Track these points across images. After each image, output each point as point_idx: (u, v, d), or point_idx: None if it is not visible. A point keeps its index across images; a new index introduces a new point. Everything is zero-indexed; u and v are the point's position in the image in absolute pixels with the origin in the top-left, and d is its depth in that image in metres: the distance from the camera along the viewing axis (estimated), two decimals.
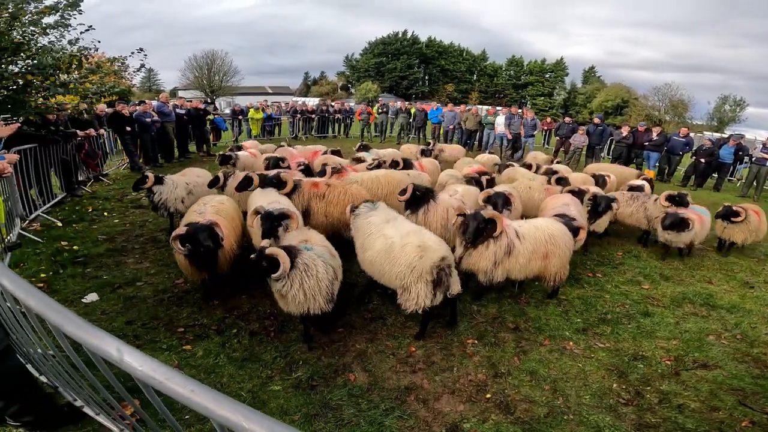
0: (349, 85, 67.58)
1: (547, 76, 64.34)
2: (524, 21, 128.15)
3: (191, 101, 12.72)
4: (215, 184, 5.31)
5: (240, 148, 7.83)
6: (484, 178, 5.95)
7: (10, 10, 5.18)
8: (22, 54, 5.61)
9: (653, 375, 3.20)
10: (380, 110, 16.56)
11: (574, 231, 4.21)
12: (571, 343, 3.54)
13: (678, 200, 5.69)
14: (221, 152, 6.72)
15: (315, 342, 3.29)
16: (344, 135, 17.89)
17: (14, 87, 5.67)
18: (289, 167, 6.20)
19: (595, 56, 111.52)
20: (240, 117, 15.43)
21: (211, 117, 13.26)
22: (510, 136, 12.84)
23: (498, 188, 5.38)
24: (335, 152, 7.79)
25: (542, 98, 62.68)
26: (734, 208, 5.67)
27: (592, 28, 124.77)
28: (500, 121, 13.12)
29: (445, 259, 3.23)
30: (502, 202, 4.76)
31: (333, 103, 19.16)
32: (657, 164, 11.89)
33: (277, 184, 4.59)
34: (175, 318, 3.57)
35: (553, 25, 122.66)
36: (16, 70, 5.61)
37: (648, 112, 50.48)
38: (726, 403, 2.91)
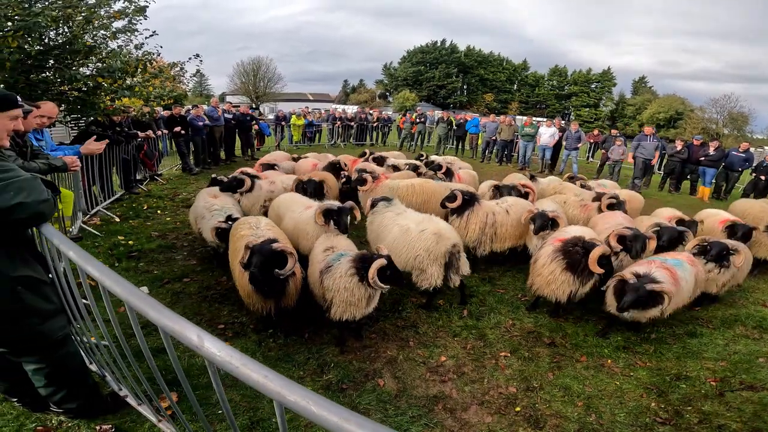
0: (387, 94, 68.29)
1: (593, 86, 62.11)
2: (569, 30, 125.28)
3: (239, 106, 13.35)
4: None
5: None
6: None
7: (83, 14, 5.52)
8: (92, 57, 5.95)
9: (696, 395, 3.07)
10: (418, 120, 16.54)
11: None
12: (609, 360, 3.43)
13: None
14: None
15: (347, 346, 3.37)
16: (382, 143, 18.10)
17: (85, 89, 6.02)
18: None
19: (646, 66, 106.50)
20: (283, 123, 15.99)
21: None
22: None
23: (541, 203, 5.33)
24: (377, 159, 8.01)
25: (587, 109, 60.54)
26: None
27: (643, 37, 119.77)
28: (544, 131, 12.76)
29: (456, 246, 3.84)
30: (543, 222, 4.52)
31: (371, 112, 19.45)
32: (713, 181, 11.19)
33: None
34: (216, 315, 3.75)
35: (600, 34, 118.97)
36: (88, 72, 5.97)
37: (704, 125, 47.47)
38: None
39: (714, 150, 10.90)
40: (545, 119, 15.02)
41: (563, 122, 13.45)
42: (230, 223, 4.15)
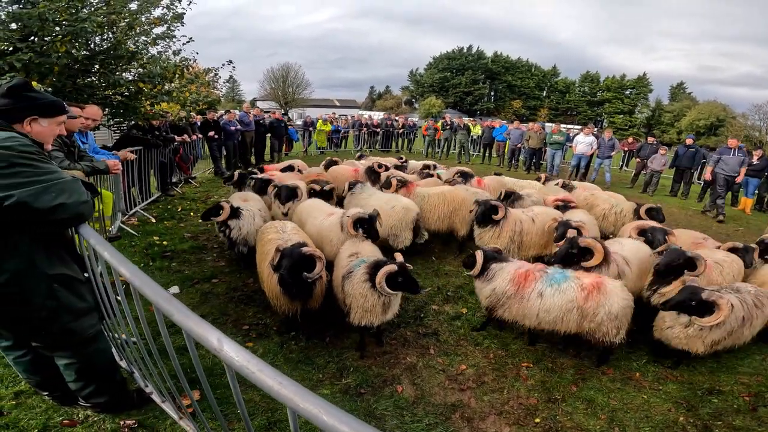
0: (413, 100, 68.40)
1: (627, 92, 60.09)
2: (601, 35, 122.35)
3: (274, 112, 13.74)
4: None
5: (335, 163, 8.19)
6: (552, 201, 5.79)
7: (126, 20, 5.76)
8: (134, 62, 6.18)
9: (727, 410, 2.95)
10: (445, 126, 16.44)
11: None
12: (637, 374, 3.31)
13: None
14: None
15: (367, 351, 3.39)
16: (407, 150, 18.13)
17: (127, 93, 6.27)
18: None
19: (684, 71, 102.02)
20: (311, 128, 16.27)
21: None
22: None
23: (571, 214, 5.18)
24: (400, 167, 8.03)
25: (621, 116, 58.60)
26: None
27: (680, 42, 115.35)
28: (581, 140, 12.34)
29: (418, 214, 5.04)
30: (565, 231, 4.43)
31: (397, 118, 19.52)
32: (756, 191, 10.55)
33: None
34: (242, 316, 3.84)
35: (635, 39, 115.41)
36: (129, 77, 6.20)
37: (747, 133, 44.91)
38: None
39: (757, 159, 10.24)
40: (580, 127, 14.53)
41: (596, 129, 12.99)
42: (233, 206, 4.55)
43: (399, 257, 3.15)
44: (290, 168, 7.61)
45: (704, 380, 3.28)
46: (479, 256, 3.55)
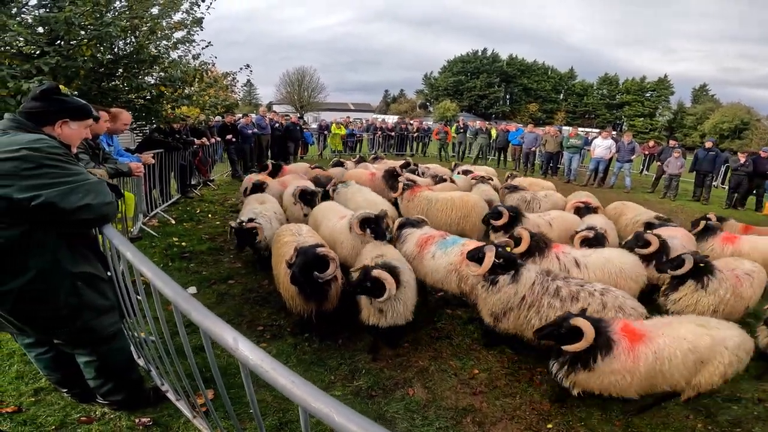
0: (428, 104, 68.27)
1: (648, 95, 58.73)
2: (618, 37, 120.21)
3: (290, 116, 13.94)
4: None
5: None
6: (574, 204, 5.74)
7: (148, 25, 5.88)
8: (156, 66, 6.29)
9: (746, 417, 2.90)
10: (459, 130, 16.38)
11: None
12: None
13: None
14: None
15: (379, 354, 3.39)
16: (422, 153, 18.10)
17: (149, 97, 6.41)
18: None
19: (706, 73, 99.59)
20: (326, 132, 16.42)
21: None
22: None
23: (590, 219, 5.11)
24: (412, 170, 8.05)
25: (642, 119, 57.28)
26: None
27: (701, 44, 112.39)
28: (600, 143, 12.14)
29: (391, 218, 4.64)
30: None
31: (412, 122, 19.52)
32: None
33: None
34: (256, 317, 3.89)
35: (653, 40, 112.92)
36: (152, 81, 6.31)
37: None
38: None
39: None
40: (598, 130, 14.24)
41: (614, 133, 12.74)
42: (248, 222, 4.46)
43: (377, 273, 3.11)
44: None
45: (724, 387, 3.15)
46: (396, 222, 4.21)
